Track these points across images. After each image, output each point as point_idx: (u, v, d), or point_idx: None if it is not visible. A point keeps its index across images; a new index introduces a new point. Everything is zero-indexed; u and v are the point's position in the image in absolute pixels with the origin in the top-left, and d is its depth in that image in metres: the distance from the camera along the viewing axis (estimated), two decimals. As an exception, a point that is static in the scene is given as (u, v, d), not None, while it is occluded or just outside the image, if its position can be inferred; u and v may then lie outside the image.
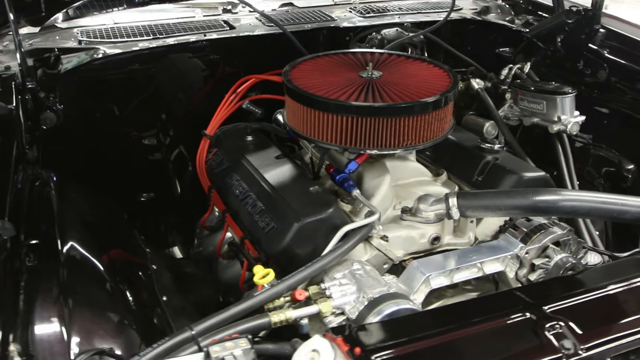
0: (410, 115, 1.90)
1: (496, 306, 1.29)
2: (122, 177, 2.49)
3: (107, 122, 2.44)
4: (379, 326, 1.30)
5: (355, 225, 1.77)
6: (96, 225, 1.83)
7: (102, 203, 2.02)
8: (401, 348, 1.14)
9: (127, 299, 1.67)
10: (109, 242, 1.79)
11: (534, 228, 1.85)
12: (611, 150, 2.49)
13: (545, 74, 2.76)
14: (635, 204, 1.74)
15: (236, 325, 1.52)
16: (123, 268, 1.74)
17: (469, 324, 1.22)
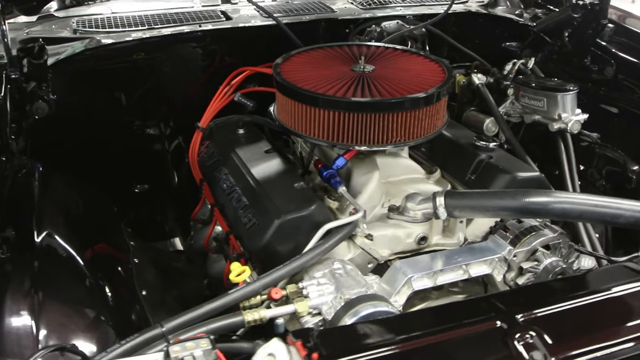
0: (400, 111, 1.85)
1: (467, 313, 1.24)
2: (117, 168, 2.48)
3: (100, 113, 2.42)
4: (342, 331, 1.27)
5: (337, 224, 1.73)
6: (78, 218, 1.82)
7: (89, 195, 2.00)
8: (360, 356, 1.10)
9: (103, 293, 1.66)
10: (89, 235, 1.78)
11: (524, 230, 1.79)
12: (617, 151, 2.41)
13: (552, 70, 2.68)
14: (630, 208, 1.67)
15: (208, 324, 1.50)
16: (102, 262, 1.73)
17: (436, 331, 1.18)
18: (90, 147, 2.40)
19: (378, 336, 1.19)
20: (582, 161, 2.44)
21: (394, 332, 1.20)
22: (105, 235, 1.86)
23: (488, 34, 2.86)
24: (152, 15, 2.49)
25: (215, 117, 2.35)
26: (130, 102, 2.57)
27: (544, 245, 1.76)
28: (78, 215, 1.83)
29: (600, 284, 1.32)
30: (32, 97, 2.11)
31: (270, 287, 1.60)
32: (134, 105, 2.58)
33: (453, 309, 1.34)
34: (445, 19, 2.76)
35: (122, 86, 2.53)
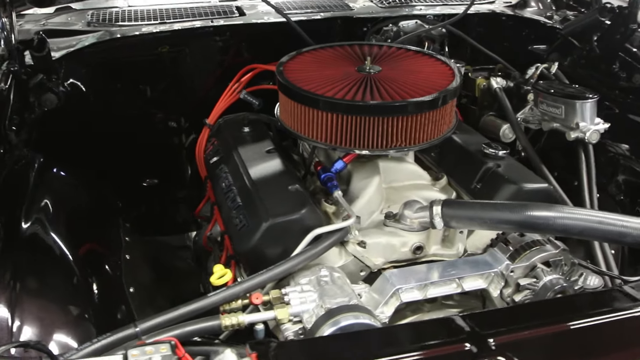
0: (402, 115, 1.79)
1: (437, 333, 1.17)
2: (131, 162, 2.48)
3: (110, 106, 2.43)
4: (302, 345, 1.22)
5: (327, 229, 1.68)
6: (70, 211, 1.82)
7: (87, 188, 2.01)
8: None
9: (88, 288, 1.65)
10: (80, 228, 1.78)
11: (524, 245, 1.70)
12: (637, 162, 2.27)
13: (580, 76, 2.56)
14: (638, 226, 1.57)
15: (184, 326, 1.47)
16: (90, 256, 1.72)
17: (400, 351, 1.12)
18: (104, 140, 2.41)
19: (339, 353, 1.13)
20: (605, 173, 2.32)
21: (357, 350, 1.15)
22: (97, 230, 1.86)
23: (514, 36, 2.75)
24: (167, 10, 2.49)
25: (224, 113, 2.33)
26: (148, 96, 2.57)
27: (544, 261, 1.67)
28: (71, 208, 1.83)
29: (585, 308, 1.24)
30: (41, 89, 2.13)
31: (252, 291, 1.57)
32: (152, 98, 2.57)
33: (423, 328, 1.27)
34: (468, 19, 2.66)
35: (142, 79, 2.53)
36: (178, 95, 2.60)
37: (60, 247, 1.66)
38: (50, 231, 1.66)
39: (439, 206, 1.70)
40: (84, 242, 1.78)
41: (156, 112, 2.59)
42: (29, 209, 1.66)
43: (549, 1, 2.91)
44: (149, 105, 2.57)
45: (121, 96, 2.52)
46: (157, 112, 2.60)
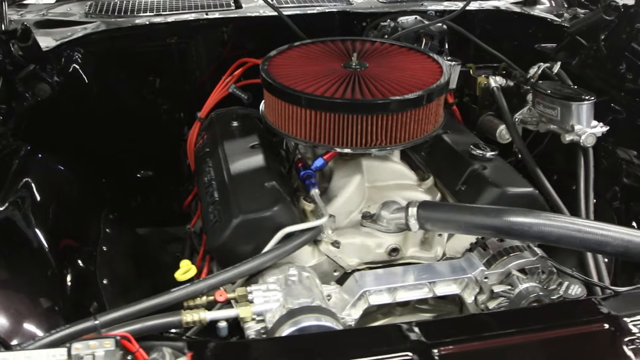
0: (383, 113, 1.75)
1: (379, 341, 1.14)
2: (123, 153, 2.49)
3: (111, 96, 2.44)
4: (240, 346, 1.20)
5: (298, 228, 1.65)
6: (50, 200, 1.83)
7: (73, 179, 2.01)
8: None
9: (57, 278, 1.66)
10: (58, 218, 1.79)
11: (502, 250, 1.65)
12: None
13: (589, 76, 2.47)
14: (619, 236, 1.51)
15: (144, 321, 1.46)
16: (64, 246, 1.73)
17: (337, 357, 1.09)
18: (100, 129, 2.42)
19: (277, 355, 1.11)
20: (605, 178, 2.23)
21: (296, 354, 1.12)
22: (74, 220, 1.86)
23: (520, 34, 2.67)
24: (164, 2, 2.48)
25: (216, 107, 2.32)
26: (150, 87, 2.57)
27: (520, 268, 1.62)
28: (50, 197, 1.83)
29: (548, 319, 1.18)
30: (33, 79, 2.14)
31: (217, 288, 1.55)
32: (154, 90, 2.58)
33: (368, 335, 1.24)
34: (472, 16, 2.60)
35: (146, 70, 2.52)
36: (179, 87, 2.60)
37: (35, 235, 1.67)
38: (25, 219, 1.67)
39: (414, 207, 1.66)
40: (60, 232, 1.78)
41: (156, 103, 2.60)
42: (6, 196, 1.67)
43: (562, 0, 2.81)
44: (150, 96, 2.58)
45: (123, 86, 2.53)
46: (157, 103, 2.60)
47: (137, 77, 2.50)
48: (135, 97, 2.52)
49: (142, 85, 2.56)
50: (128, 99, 2.50)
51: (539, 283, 1.61)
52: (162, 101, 2.58)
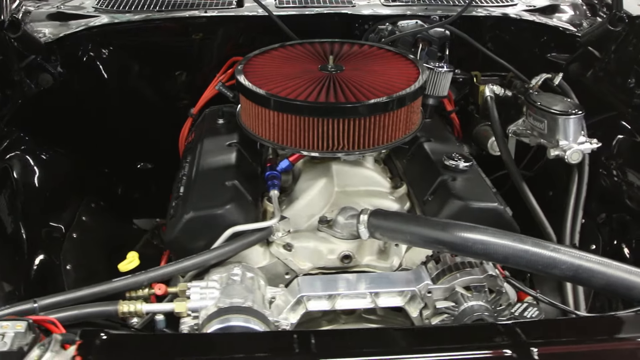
0: (344, 117, 1.73)
1: (268, 346, 1.13)
2: (123, 144, 2.56)
3: (122, 88, 2.51)
4: (131, 339, 1.21)
5: (246, 227, 1.66)
6: (25, 187, 1.90)
7: (57, 166, 2.09)
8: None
9: (22, 262, 1.73)
10: (29, 204, 1.86)
11: (452, 266, 1.59)
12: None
13: (600, 90, 2.35)
14: (568, 259, 1.43)
15: (82, 308, 1.51)
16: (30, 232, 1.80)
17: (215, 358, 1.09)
18: (102, 120, 2.50)
19: (169, 351, 1.12)
20: (604, 200, 2.11)
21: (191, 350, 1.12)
22: (47, 206, 1.93)
23: (531, 43, 2.56)
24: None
25: (209, 104, 2.35)
26: (162, 81, 2.63)
27: (466, 285, 1.55)
28: (25, 183, 1.91)
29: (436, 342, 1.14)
30: (36, 69, 2.25)
31: (157, 282, 1.58)
32: (165, 84, 2.63)
33: (257, 339, 1.23)
34: (481, 22, 2.52)
35: (163, 64, 2.58)
36: (189, 82, 2.65)
37: (4, 219, 1.75)
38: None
39: (366, 215, 1.63)
40: (30, 217, 1.86)
41: (165, 98, 2.65)
42: None
43: (585, 8, 2.67)
44: (160, 90, 2.64)
45: (128, 79, 2.60)
46: (166, 98, 2.65)
47: (145, 71, 2.57)
48: (140, 91, 2.58)
49: (148, 79, 2.62)
50: (133, 91, 2.56)
51: (487, 302, 1.55)
52: (170, 96, 2.62)
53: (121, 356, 1.08)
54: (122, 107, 2.54)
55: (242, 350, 1.09)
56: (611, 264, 1.43)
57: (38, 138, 2.16)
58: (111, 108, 2.51)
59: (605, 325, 1.28)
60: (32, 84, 2.27)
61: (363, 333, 1.35)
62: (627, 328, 1.26)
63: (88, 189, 2.20)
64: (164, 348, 1.12)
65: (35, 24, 2.45)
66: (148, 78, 2.59)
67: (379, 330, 1.51)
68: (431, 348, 1.09)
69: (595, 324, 1.32)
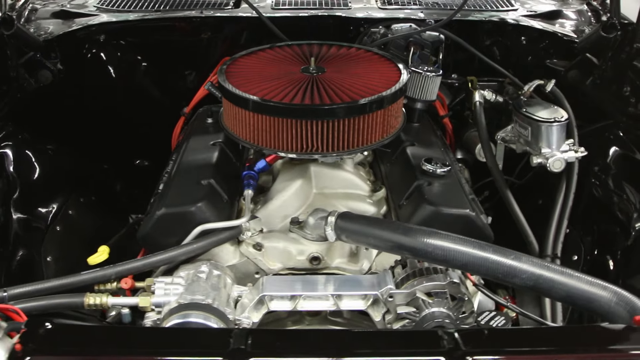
0: (316, 119, 1.73)
1: (204, 341, 1.14)
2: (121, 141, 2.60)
3: (127, 85, 2.56)
4: (75, 329, 1.24)
5: (215, 226, 1.67)
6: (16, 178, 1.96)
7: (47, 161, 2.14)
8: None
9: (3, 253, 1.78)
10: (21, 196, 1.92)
11: (416, 271, 1.58)
12: (632, 204, 1.98)
13: (599, 98, 2.30)
14: (529, 269, 1.42)
15: (50, 298, 1.55)
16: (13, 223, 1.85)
17: (155, 352, 1.11)
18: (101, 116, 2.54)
19: (107, 342, 1.14)
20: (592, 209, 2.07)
21: (129, 342, 1.14)
22: (31, 199, 1.98)
23: (529, 48, 2.52)
24: None
25: (201, 103, 2.37)
26: (165, 79, 2.67)
27: (428, 291, 1.54)
28: (13, 175, 1.97)
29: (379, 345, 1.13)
30: (35, 66, 2.31)
31: (125, 276, 1.61)
32: (167, 82, 2.67)
33: (191, 334, 1.24)
34: (478, 27, 2.49)
35: (170, 62, 2.62)
36: (186, 81, 2.68)
37: None
38: None
39: (333, 217, 1.63)
40: (18, 209, 1.91)
41: (162, 96, 2.69)
42: None
43: (590, 14, 2.62)
44: (157, 88, 2.68)
45: (136, 77, 2.65)
46: (163, 96, 2.69)
47: (143, 70, 2.61)
48: (139, 88, 2.63)
49: (146, 77, 2.66)
50: (131, 89, 2.61)
51: (448, 309, 1.53)
52: (172, 94, 2.66)
53: (60, 345, 1.11)
54: (120, 104, 2.58)
55: (175, 344, 1.11)
56: (573, 275, 1.41)
57: (34, 133, 2.22)
58: (109, 105, 2.55)
59: (557, 336, 1.25)
60: (31, 80, 2.33)
61: (300, 334, 1.35)
62: (579, 339, 1.24)
63: (80, 184, 2.24)
64: (103, 339, 1.14)
65: (41, 22, 2.53)
66: (146, 76, 2.63)
67: (317, 331, 1.51)
68: (363, 352, 1.09)
69: (549, 335, 1.29)
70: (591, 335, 1.21)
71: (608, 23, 2.08)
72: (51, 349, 1.10)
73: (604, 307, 1.36)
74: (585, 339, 1.18)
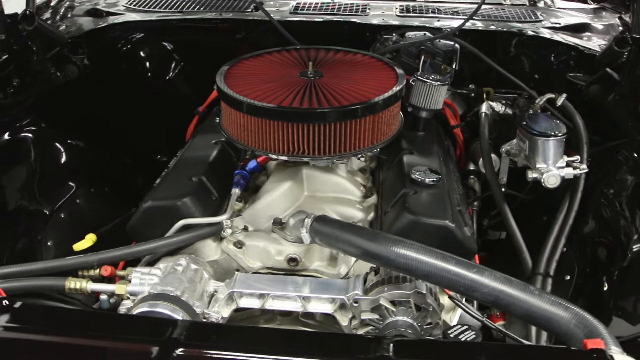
0: (303, 122, 1.75)
1: (141, 328, 1.18)
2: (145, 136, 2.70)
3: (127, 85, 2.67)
4: (40, 310, 1.30)
5: (196, 221, 1.73)
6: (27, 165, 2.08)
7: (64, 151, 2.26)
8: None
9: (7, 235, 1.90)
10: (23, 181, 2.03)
11: (385, 279, 1.57)
12: (636, 227, 1.90)
13: (619, 115, 2.22)
14: (490, 283, 1.39)
15: (33, 280, 1.64)
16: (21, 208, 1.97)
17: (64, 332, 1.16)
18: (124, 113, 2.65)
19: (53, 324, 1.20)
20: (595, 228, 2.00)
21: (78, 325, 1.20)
22: (41, 185, 2.09)
23: (549, 61, 2.45)
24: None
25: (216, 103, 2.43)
26: (194, 77, 2.76)
27: (393, 300, 1.53)
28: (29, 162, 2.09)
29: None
30: (63, 60, 2.43)
31: (106, 264, 1.68)
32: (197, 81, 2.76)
33: (133, 320, 1.28)
34: (495, 38, 2.44)
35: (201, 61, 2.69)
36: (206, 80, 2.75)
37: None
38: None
39: (310, 219, 1.65)
40: (29, 193, 2.03)
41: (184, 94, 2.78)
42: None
43: (621, 28, 2.51)
44: (180, 85, 2.77)
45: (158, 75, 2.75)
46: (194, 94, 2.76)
47: (165, 68, 2.71)
48: (162, 85, 2.72)
49: (168, 75, 2.75)
50: (154, 86, 2.71)
51: (413, 319, 1.52)
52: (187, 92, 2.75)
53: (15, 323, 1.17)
54: (142, 100, 2.68)
55: (112, 329, 1.16)
56: (534, 293, 1.37)
57: (56, 124, 2.34)
58: (132, 101, 2.65)
59: (495, 354, 1.22)
60: (59, 74, 2.45)
61: (242, 330, 1.37)
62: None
63: (94, 175, 2.34)
64: (56, 320, 1.20)
65: (77, 19, 2.67)
66: (168, 74, 2.72)
67: (255, 329, 1.53)
68: (292, 351, 1.10)
69: (489, 351, 1.25)
70: (532, 355, 1.18)
71: (620, 37, 2.01)
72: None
73: (562, 328, 1.31)
74: (520, 358, 1.14)
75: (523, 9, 2.66)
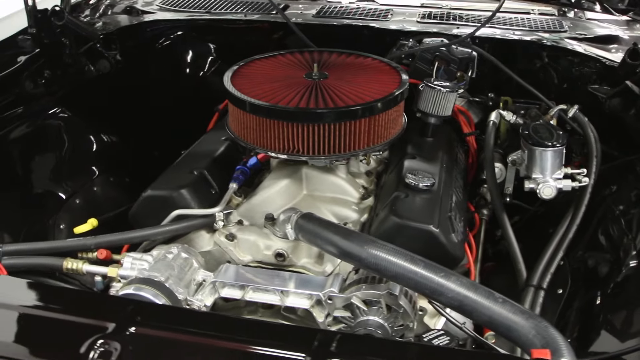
0: (299, 122, 1.79)
1: (106, 308, 1.26)
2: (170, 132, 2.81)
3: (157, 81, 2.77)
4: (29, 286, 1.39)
5: (189, 212, 1.80)
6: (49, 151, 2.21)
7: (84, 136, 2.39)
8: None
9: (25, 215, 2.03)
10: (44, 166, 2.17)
11: (362, 278, 1.60)
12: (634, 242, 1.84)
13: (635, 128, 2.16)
14: (455, 288, 1.40)
15: (36, 258, 1.75)
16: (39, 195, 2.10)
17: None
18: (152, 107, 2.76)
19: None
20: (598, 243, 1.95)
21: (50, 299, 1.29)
22: (61, 171, 2.22)
23: (570, 72, 2.39)
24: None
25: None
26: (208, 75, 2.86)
27: (365, 299, 1.55)
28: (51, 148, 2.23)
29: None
30: (95, 55, 2.57)
31: (103, 247, 1.77)
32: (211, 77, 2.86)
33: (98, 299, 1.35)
34: (514, 47, 2.41)
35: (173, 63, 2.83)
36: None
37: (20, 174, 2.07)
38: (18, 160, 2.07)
39: (296, 216, 1.69)
40: (48, 177, 2.16)
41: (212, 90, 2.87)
42: (16, 139, 2.09)
43: (653, 40, 2.43)
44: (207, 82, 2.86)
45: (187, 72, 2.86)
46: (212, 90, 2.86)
47: (193, 66, 2.81)
48: (188, 82, 2.83)
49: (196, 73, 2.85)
50: (181, 82, 2.81)
51: (384, 319, 1.53)
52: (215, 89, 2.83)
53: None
54: (172, 96, 2.79)
55: (81, 306, 1.24)
56: (498, 300, 1.36)
57: (84, 114, 2.47)
58: (161, 96, 2.76)
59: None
60: (92, 68, 2.59)
61: (191, 314, 1.43)
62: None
63: (115, 165, 2.45)
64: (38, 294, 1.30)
65: (115, 16, 2.81)
66: (197, 72, 2.82)
67: (202, 314, 1.57)
68: (230, 337, 1.15)
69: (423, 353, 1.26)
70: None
71: (632, 49, 1.95)
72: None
73: (522, 338, 1.30)
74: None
75: (550, 19, 2.61)
